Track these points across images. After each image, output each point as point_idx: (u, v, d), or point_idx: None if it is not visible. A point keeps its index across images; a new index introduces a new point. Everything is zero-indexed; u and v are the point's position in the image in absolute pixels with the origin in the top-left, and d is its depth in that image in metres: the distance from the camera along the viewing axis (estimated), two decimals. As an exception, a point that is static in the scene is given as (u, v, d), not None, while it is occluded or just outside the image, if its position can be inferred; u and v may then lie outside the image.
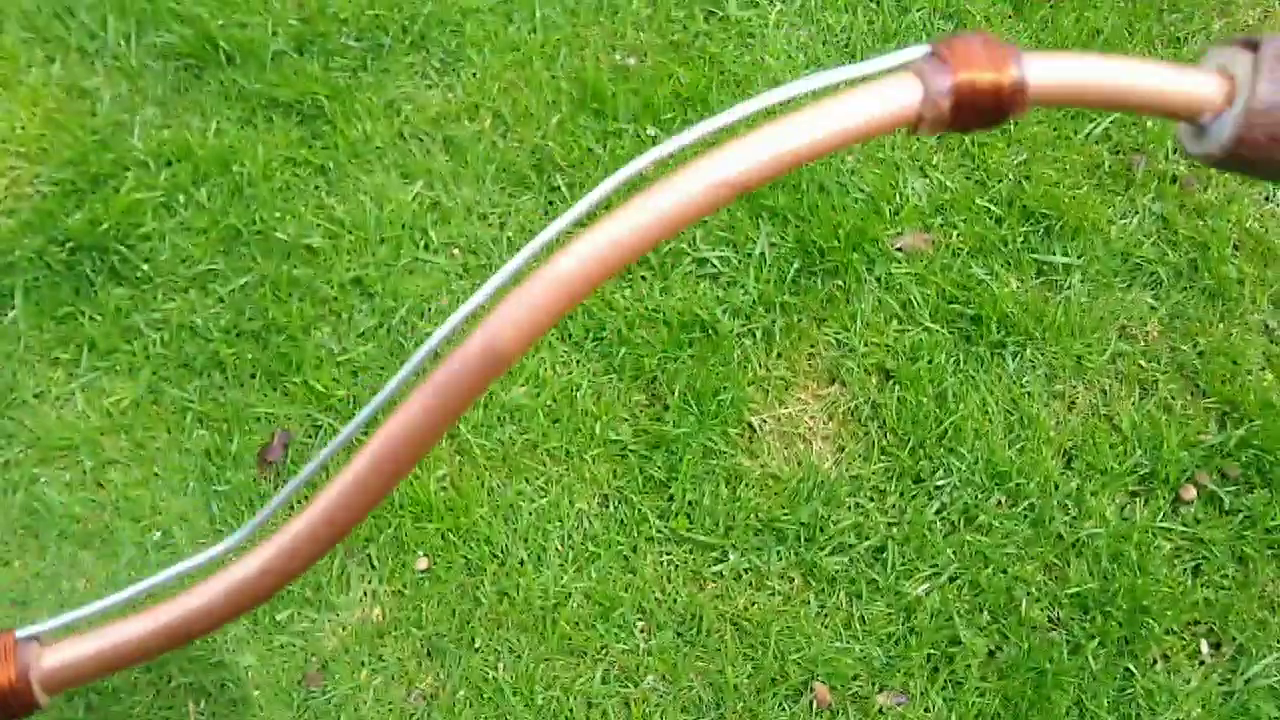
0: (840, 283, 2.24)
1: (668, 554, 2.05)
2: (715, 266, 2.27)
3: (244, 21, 2.55)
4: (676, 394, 2.15)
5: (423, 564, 2.03)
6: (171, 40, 2.52)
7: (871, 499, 2.08)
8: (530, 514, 2.06)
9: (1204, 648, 1.98)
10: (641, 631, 1.99)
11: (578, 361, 2.19)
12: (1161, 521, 2.06)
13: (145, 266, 2.28)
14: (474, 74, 2.50)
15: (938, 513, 2.07)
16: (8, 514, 2.08)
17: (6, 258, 2.29)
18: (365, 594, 2.02)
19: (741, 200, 2.32)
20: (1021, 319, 2.19)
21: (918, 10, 2.54)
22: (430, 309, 2.23)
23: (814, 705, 1.93)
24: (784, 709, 1.93)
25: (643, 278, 2.26)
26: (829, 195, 2.30)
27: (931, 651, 1.97)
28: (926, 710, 1.93)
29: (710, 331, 2.20)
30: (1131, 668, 1.95)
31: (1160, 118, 0.67)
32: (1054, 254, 2.27)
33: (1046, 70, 0.54)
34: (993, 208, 2.31)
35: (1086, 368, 2.18)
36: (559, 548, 2.04)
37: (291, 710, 1.95)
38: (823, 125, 0.53)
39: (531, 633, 1.98)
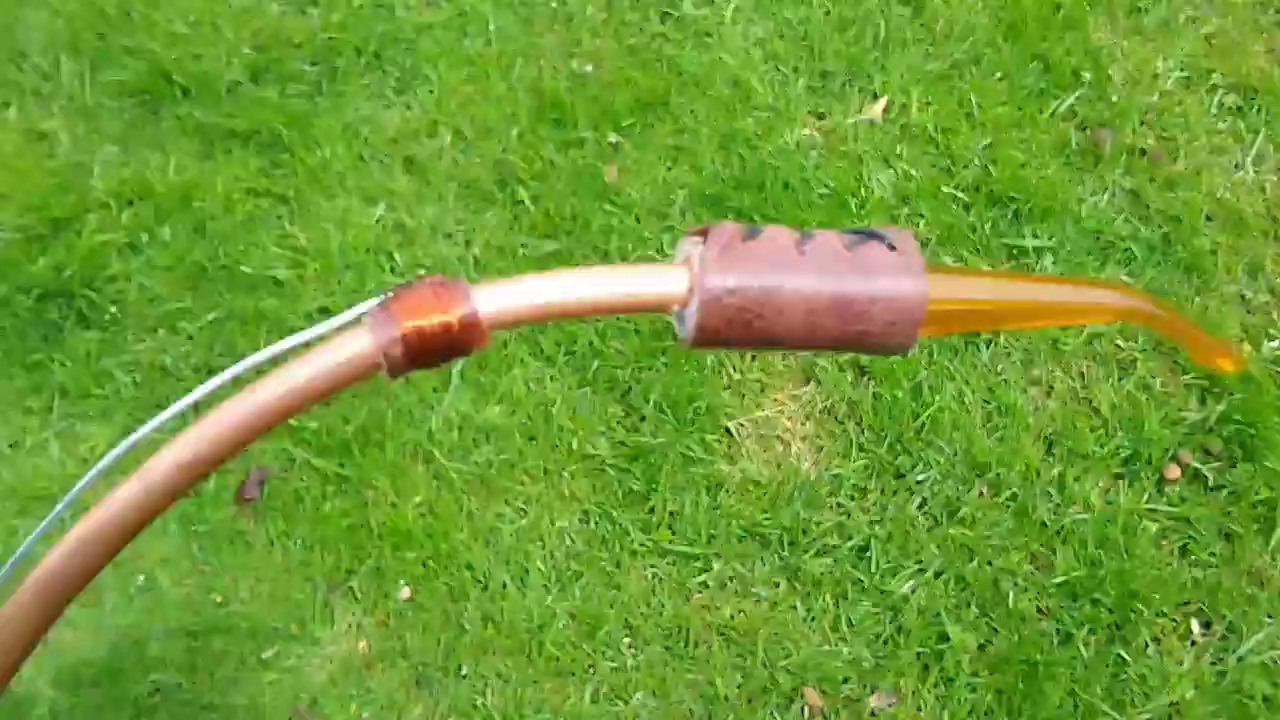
0: (810, 280, 2.22)
1: (651, 567, 2.04)
2: (684, 271, 2.25)
3: (197, 53, 2.53)
4: (652, 404, 2.14)
5: (405, 593, 2.02)
6: (126, 77, 2.51)
7: (852, 498, 2.07)
8: (511, 536, 2.05)
9: (1195, 628, 1.97)
10: (629, 648, 1.98)
11: (551, 377, 2.18)
12: (1147, 503, 2.05)
13: (113, 309, 2.27)
14: (431, 91, 2.48)
15: (920, 508, 2.05)
16: (-11, 568, 2.08)
17: (-26, 308, 2.28)
18: (350, 626, 2.01)
19: (707, 202, 2.30)
20: (994, 306, 2.17)
21: (875, -4, 2.51)
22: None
23: (806, 711, 1.93)
24: (775, 718, 1.92)
25: (612, 288, 2.24)
26: (794, 193, 2.28)
27: (921, 649, 1.96)
28: (919, 709, 1.92)
29: (682, 338, 2.18)
30: (1123, 653, 1.94)
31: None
32: (1024, 237, 2.25)
33: (498, 301, 0.56)
34: (959, 194, 2.29)
35: (1063, 351, 2.16)
36: (541, 568, 2.03)
37: (284, 748, 1.95)
38: (284, 388, 0.56)
39: (518, 656, 1.97)
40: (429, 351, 0.56)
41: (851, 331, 0.58)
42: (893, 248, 0.58)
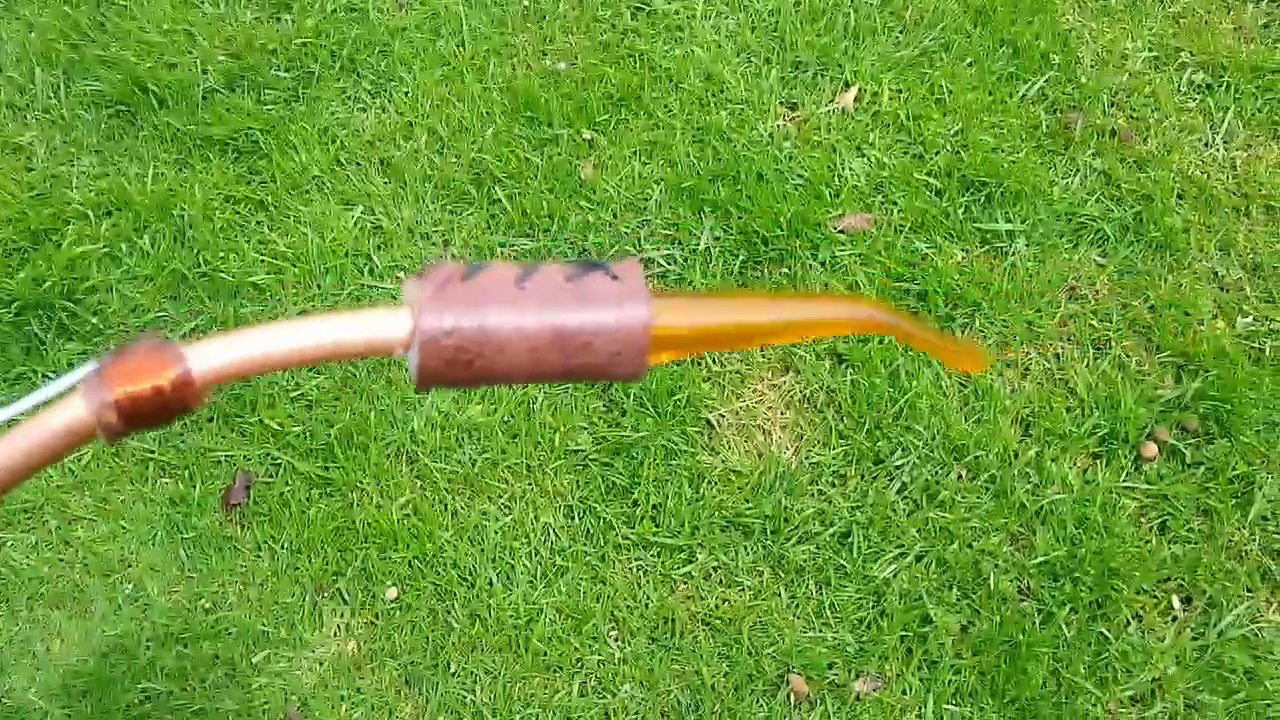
0: (786, 270, 2.24)
1: (636, 560, 2.05)
2: (662, 265, 2.27)
3: (172, 62, 2.54)
4: (632, 398, 2.15)
5: (392, 594, 2.03)
6: (101, 88, 2.51)
7: (833, 485, 2.09)
8: (496, 533, 2.07)
9: (1175, 603, 1.99)
10: (615, 640, 2.00)
11: (532, 374, 2.18)
12: (1125, 481, 2.06)
13: (94, 319, 2.28)
14: (406, 93, 2.49)
15: (899, 492, 2.07)
16: (-21, 581, 2.09)
17: (-44, 323, 2.29)
18: (338, 628, 2.02)
19: (683, 196, 2.31)
20: (968, 290, 2.19)
21: (845, -14, 2.52)
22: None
23: (791, 697, 1.94)
24: (761, 705, 1.94)
25: (590, 284, 2.26)
26: (768, 184, 2.29)
27: (904, 633, 1.97)
28: (904, 692, 1.94)
29: (661, 332, 2.19)
30: (1105, 631, 1.96)
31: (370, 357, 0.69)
32: (996, 221, 2.26)
33: (211, 359, 0.56)
34: (932, 180, 2.30)
35: (1038, 333, 2.17)
36: (527, 564, 2.04)
37: (276, 750, 1.97)
38: (6, 455, 0.55)
39: (506, 652, 1.99)
40: (143, 415, 0.55)
41: (576, 364, 0.58)
42: (615, 277, 0.58)
